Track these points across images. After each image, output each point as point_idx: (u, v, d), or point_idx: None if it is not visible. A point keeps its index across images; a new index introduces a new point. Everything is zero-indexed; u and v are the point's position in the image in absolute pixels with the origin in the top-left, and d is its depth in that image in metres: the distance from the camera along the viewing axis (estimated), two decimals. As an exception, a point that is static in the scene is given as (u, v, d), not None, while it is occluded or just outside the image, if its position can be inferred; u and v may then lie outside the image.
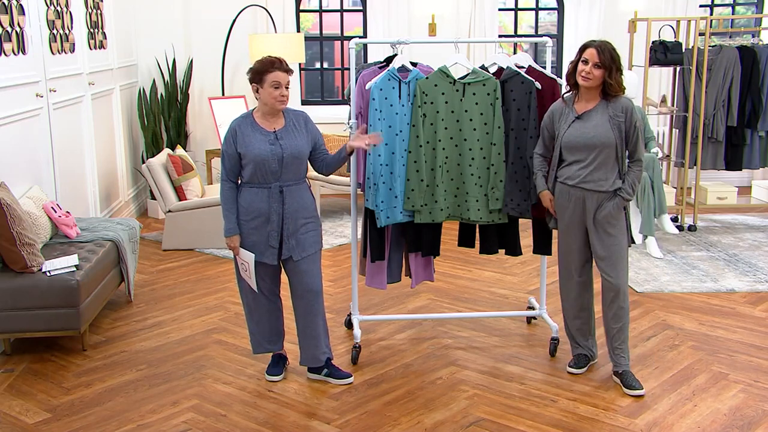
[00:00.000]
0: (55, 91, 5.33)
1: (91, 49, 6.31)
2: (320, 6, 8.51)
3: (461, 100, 4.09)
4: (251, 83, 3.68)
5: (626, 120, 3.65)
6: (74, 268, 4.23)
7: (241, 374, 4.02)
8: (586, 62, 3.64)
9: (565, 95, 3.81)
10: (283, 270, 3.88)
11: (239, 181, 3.77)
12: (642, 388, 3.76)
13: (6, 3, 4.60)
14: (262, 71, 3.64)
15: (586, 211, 3.77)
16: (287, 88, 3.66)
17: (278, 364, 4.00)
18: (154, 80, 7.70)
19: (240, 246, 3.74)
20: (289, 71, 3.68)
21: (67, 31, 5.74)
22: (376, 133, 3.89)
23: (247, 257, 3.73)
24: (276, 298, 3.94)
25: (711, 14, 8.31)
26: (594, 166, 3.69)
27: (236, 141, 3.67)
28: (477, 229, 4.34)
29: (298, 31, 8.15)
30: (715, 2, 8.57)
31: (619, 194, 3.70)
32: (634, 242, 3.86)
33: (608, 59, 3.60)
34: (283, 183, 3.70)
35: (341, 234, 6.74)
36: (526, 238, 4.73)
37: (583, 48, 3.68)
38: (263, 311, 3.91)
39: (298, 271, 3.80)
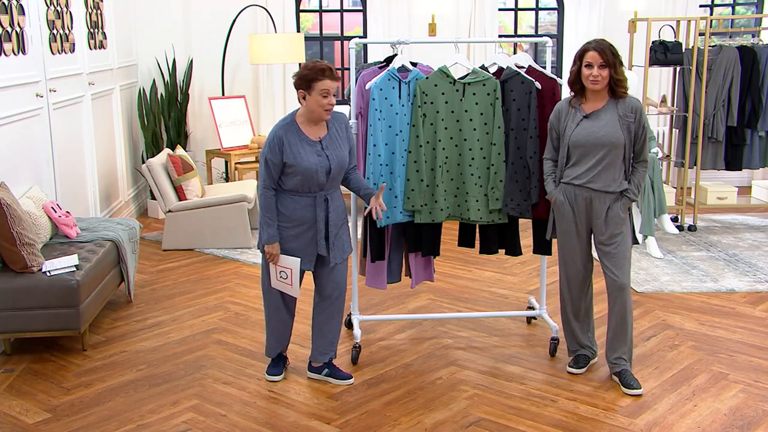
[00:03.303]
0: (55, 91, 5.33)
1: (91, 49, 6.31)
2: (320, 6, 8.51)
3: (461, 100, 4.09)
4: (298, 89, 3.57)
5: (635, 120, 3.65)
6: (74, 268, 4.23)
7: (241, 374, 4.02)
8: (590, 66, 3.62)
9: (571, 99, 3.80)
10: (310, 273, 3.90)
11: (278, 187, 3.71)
12: (640, 388, 3.76)
13: (6, 3, 4.60)
14: (312, 78, 3.51)
15: (593, 211, 3.76)
16: (335, 96, 3.58)
17: (278, 364, 4.00)
18: (154, 80, 7.70)
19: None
20: (338, 79, 3.58)
21: (67, 31, 5.74)
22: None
23: (291, 263, 3.67)
24: (294, 305, 3.95)
25: (711, 14, 8.32)
26: (602, 166, 3.68)
27: (282, 150, 3.57)
28: (477, 229, 4.34)
29: (298, 31, 8.15)
30: (715, 2, 8.57)
31: (626, 195, 3.70)
32: (637, 242, 3.86)
33: (611, 57, 3.60)
34: (327, 191, 3.69)
35: (341, 234, 6.73)
36: (526, 238, 4.73)
37: (582, 53, 3.66)
38: (282, 318, 3.92)
39: (333, 273, 3.82)
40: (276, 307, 3.88)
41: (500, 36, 8.49)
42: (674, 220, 6.83)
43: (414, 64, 4.21)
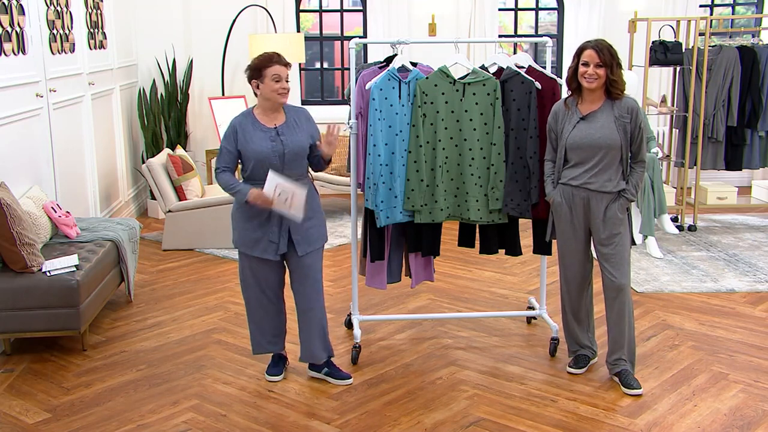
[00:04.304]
0: (55, 91, 5.33)
1: (91, 49, 6.31)
2: (320, 6, 8.51)
3: (461, 100, 4.09)
4: (251, 81, 3.70)
5: (632, 121, 3.65)
6: (74, 268, 4.22)
7: (241, 374, 4.02)
8: (586, 64, 3.63)
9: (567, 99, 3.80)
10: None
11: (242, 179, 3.78)
12: (640, 388, 3.76)
13: (6, 3, 4.60)
14: (262, 66, 3.66)
15: (591, 211, 3.76)
16: (287, 81, 3.68)
17: (278, 364, 4.00)
18: (154, 80, 7.70)
19: (241, 243, 3.76)
20: (287, 65, 3.70)
21: (67, 31, 5.74)
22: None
23: (271, 181, 3.59)
24: (278, 299, 3.93)
25: (711, 14, 8.31)
26: (600, 167, 3.68)
27: (236, 139, 3.68)
28: (477, 229, 4.34)
29: (298, 31, 8.15)
30: (715, 2, 8.57)
31: (624, 195, 3.70)
32: (635, 243, 3.85)
33: (608, 57, 3.60)
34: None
35: (341, 234, 6.73)
36: (526, 238, 4.73)
37: (580, 51, 3.67)
38: (265, 311, 3.90)
39: (302, 266, 3.80)
40: (256, 299, 3.87)
41: (500, 36, 8.49)
42: (674, 220, 6.83)
43: (414, 64, 4.21)
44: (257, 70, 3.67)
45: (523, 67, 4.18)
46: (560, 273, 3.98)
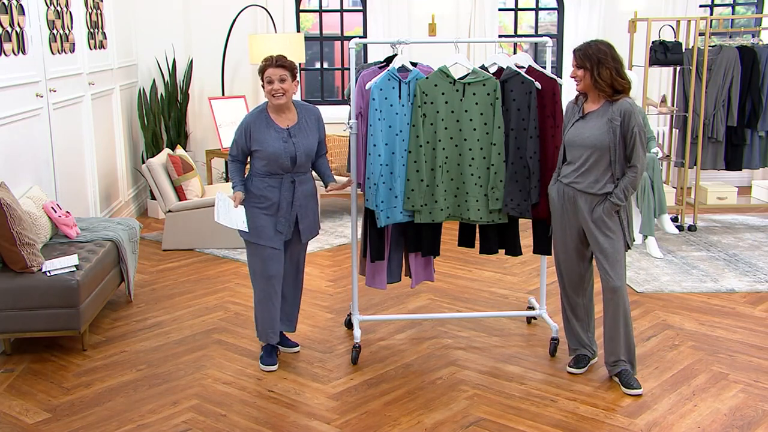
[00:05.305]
0: (55, 91, 5.33)
1: (91, 49, 6.31)
2: (320, 6, 8.51)
3: (461, 100, 4.09)
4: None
5: (623, 124, 3.61)
6: (74, 268, 4.22)
7: (241, 374, 4.02)
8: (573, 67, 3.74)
9: (578, 96, 3.83)
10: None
11: (249, 168, 4.00)
12: (640, 388, 3.76)
13: (6, 3, 4.60)
14: (260, 70, 3.89)
15: (578, 210, 3.77)
16: (283, 81, 3.83)
17: (272, 354, 4.08)
18: (154, 80, 7.70)
19: (249, 234, 3.94)
20: (281, 66, 3.84)
21: (67, 31, 5.74)
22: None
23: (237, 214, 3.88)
24: (280, 288, 4.03)
25: (711, 14, 8.32)
26: (586, 167, 3.70)
27: (250, 137, 3.89)
28: (477, 229, 4.34)
29: (298, 31, 8.15)
30: (715, 2, 8.57)
31: (609, 199, 3.69)
32: (629, 247, 3.84)
33: (582, 57, 3.65)
34: (294, 175, 3.92)
35: (341, 234, 6.73)
36: (526, 238, 4.73)
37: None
38: (276, 297, 4.00)
39: (298, 249, 4.12)
40: (265, 289, 3.98)
41: (500, 36, 8.50)
42: (674, 220, 6.83)
43: (414, 64, 4.21)
44: (259, 73, 3.89)
45: (523, 67, 4.18)
46: (556, 268, 4.00)
